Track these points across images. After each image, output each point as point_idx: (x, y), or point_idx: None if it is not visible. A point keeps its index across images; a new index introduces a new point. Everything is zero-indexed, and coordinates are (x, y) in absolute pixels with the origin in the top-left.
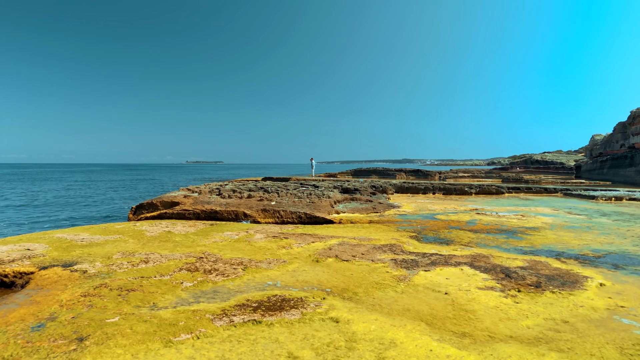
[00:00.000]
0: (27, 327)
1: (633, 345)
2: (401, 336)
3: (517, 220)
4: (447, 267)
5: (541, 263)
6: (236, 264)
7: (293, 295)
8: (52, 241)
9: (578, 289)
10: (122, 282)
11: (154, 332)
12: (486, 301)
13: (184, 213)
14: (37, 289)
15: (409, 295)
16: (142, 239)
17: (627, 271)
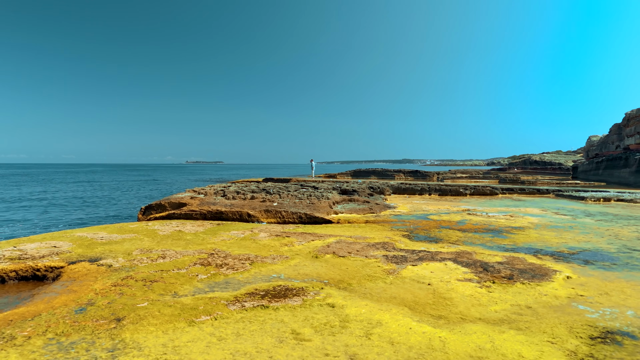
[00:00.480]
0: (71, 310)
1: (581, 325)
2: (386, 318)
3: (505, 220)
4: (433, 262)
5: (518, 259)
6: (244, 259)
7: (295, 286)
8: (74, 239)
9: (546, 280)
10: (145, 274)
11: (179, 314)
12: (463, 290)
13: (191, 213)
14: (70, 280)
15: (396, 285)
16: (155, 238)
17: (595, 266)
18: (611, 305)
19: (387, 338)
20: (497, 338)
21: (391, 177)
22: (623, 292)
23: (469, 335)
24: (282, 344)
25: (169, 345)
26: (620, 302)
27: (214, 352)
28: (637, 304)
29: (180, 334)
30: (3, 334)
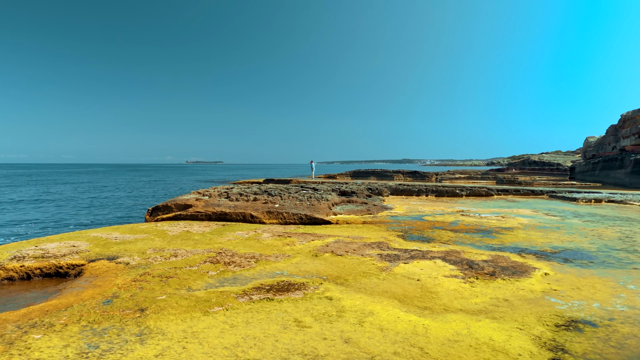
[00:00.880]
0: (99, 302)
1: (550, 315)
2: (378, 309)
3: (497, 221)
4: (423, 261)
5: (503, 257)
6: (249, 257)
7: (297, 281)
8: (90, 239)
9: (525, 277)
10: (160, 271)
11: (194, 305)
12: (448, 285)
13: (196, 215)
14: (93, 276)
15: (388, 281)
16: (166, 238)
17: (573, 264)
18: (580, 299)
19: (378, 325)
20: (473, 325)
21: (390, 178)
22: (594, 287)
23: (449, 323)
24: (286, 330)
25: (188, 331)
26: (589, 295)
27: (227, 336)
28: (603, 298)
29: (197, 322)
30: (42, 322)
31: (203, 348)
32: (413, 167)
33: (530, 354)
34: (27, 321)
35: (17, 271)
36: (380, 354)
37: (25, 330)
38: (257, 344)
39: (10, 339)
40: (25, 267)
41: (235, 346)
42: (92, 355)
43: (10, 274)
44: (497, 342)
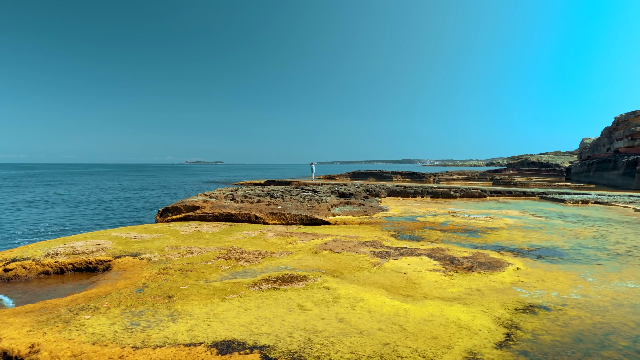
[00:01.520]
0: (132, 290)
1: (512, 302)
2: (368, 296)
3: (484, 221)
4: (411, 257)
5: (482, 254)
6: (257, 254)
7: (299, 274)
8: (112, 238)
9: (498, 271)
10: (180, 266)
11: (213, 293)
12: (430, 278)
13: (204, 216)
14: (121, 270)
15: (379, 274)
16: (179, 237)
17: (545, 260)
18: (542, 289)
19: (367, 309)
20: (446, 309)
21: (389, 179)
22: (557, 279)
23: (426, 307)
24: (290, 312)
25: (210, 313)
26: (550, 286)
27: (243, 317)
28: (563, 288)
29: (216, 306)
30: (89, 305)
31: (224, 325)
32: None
33: (488, 329)
34: (75, 305)
35: (52, 266)
36: (367, 330)
37: (76, 312)
38: (267, 322)
39: (66, 318)
40: (59, 262)
41: (249, 324)
42: (135, 330)
43: (46, 268)
44: (463, 321)
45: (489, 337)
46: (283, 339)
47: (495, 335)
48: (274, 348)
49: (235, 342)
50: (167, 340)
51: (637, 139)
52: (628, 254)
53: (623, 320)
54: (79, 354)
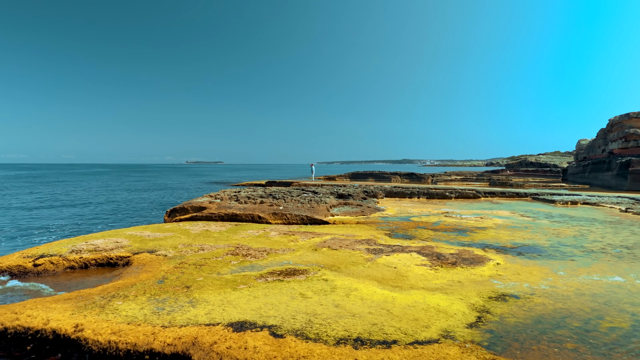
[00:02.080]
0: (154, 282)
1: (487, 291)
2: (361, 287)
3: (474, 221)
4: (402, 253)
5: (468, 251)
6: (262, 250)
7: (300, 268)
8: (127, 236)
9: (480, 265)
10: (193, 261)
11: (225, 284)
12: (417, 271)
13: (211, 216)
14: (141, 265)
15: (372, 268)
16: (190, 235)
17: (524, 256)
18: (516, 281)
19: (359, 296)
20: (428, 297)
21: (388, 180)
22: (531, 273)
23: (411, 295)
24: (293, 299)
25: (224, 300)
26: (524, 279)
27: (252, 303)
28: (534, 280)
29: (229, 295)
30: (119, 294)
31: (236, 310)
32: (412, 167)
33: (462, 313)
34: (107, 294)
35: (77, 261)
36: (359, 313)
37: (108, 299)
38: (274, 307)
39: (101, 304)
40: (83, 258)
41: (258, 309)
42: (162, 313)
43: (72, 263)
44: (442, 307)
45: (462, 319)
46: (287, 320)
47: (468, 317)
48: (280, 327)
49: (247, 323)
50: (190, 321)
51: (630, 141)
52: (602, 251)
53: (581, 306)
54: (117, 332)
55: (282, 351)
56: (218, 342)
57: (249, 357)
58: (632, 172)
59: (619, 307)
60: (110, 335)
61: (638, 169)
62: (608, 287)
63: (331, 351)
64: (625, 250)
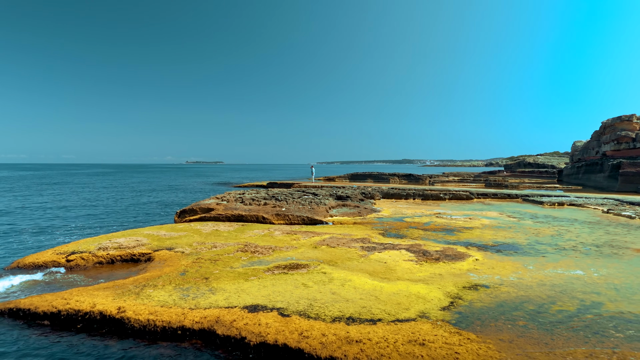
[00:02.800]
0: (177, 274)
1: (463, 282)
2: (354, 278)
3: (463, 222)
4: (392, 251)
5: (451, 249)
6: (268, 248)
7: (302, 263)
8: (146, 235)
9: (460, 261)
10: (208, 256)
11: (238, 276)
12: (404, 265)
13: (218, 216)
14: (162, 260)
15: (365, 263)
16: (202, 234)
17: (502, 253)
18: (489, 274)
19: (353, 286)
20: (411, 286)
21: (386, 181)
22: (504, 267)
23: (397, 285)
24: (297, 288)
25: (238, 288)
26: (497, 272)
27: (262, 291)
28: (505, 273)
29: (242, 284)
30: (148, 284)
31: (249, 296)
32: (412, 167)
33: (438, 299)
34: (139, 284)
35: (104, 257)
36: (352, 299)
37: (141, 288)
38: (281, 294)
39: (136, 291)
40: (110, 254)
41: (268, 295)
42: (187, 299)
43: (100, 259)
44: (421, 294)
45: (437, 303)
46: (292, 304)
47: (442, 302)
48: (286, 309)
49: (259, 306)
50: (212, 305)
51: (622, 143)
52: (572, 249)
53: (539, 294)
54: (153, 312)
55: (288, 326)
56: (237, 320)
57: (263, 331)
58: (623, 174)
59: (572, 294)
60: (148, 315)
61: (628, 171)
62: (568, 279)
63: (328, 327)
64: (593, 248)
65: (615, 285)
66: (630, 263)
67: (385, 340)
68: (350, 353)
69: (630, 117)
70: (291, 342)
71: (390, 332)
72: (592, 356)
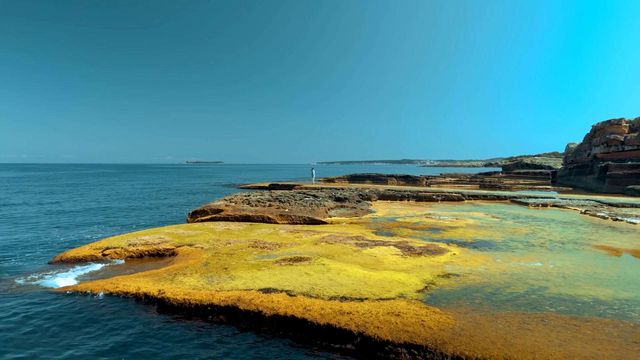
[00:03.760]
0: (200, 265)
1: (438, 272)
2: (348, 268)
3: (449, 222)
4: (382, 247)
5: (434, 245)
6: (275, 244)
7: (305, 256)
8: (166, 234)
9: (439, 255)
10: (224, 251)
11: (251, 266)
12: (391, 259)
13: (227, 217)
14: (185, 255)
15: (357, 257)
16: (215, 233)
17: (478, 249)
18: (462, 265)
19: (346, 274)
20: (395, 275)
21: (384, 182)
22: (476, 260)
23: (383, 274)
24: (300, 276)
25: (253, 276)
26: (469, 264)
27: (273, 278)
28: (476, 265)
29: (255, 273)
30: (178, 272)
31: (263, 281)
32: (412, 168)
33: (415, 284)
34: (170, 272)
35: (134, 252)
36: (345, 284)
37: (173, 275)
38: (287, 280)
39: (169, 278)
40: (139, 250)
41: (277, 281)
42: (213, 283)
43: (131, 253)
44: (402, 280)
45: (414, 287)
46: (297, 287)
47: (418, 287)
48: (293, 291)
49: (271, 289)
50: (233, 288)
51: (611, 146)
52: (540, 245)
53: (499, 281)
54: (187, 293)
55: (295, 303)
56: (254, 298)
57: (275, 306)
58: (610, 176)
59: (525, 281)
60: (183, 295)
61: (615, 173)
62: (526, 269)
63: (325, 303)
64: (558, 245)
65: (564, 274)
66: (585, 257)
67: (369, 312)
68: (342, 321)
69: (619, 121)
70: (297, 314)
71: (374, 307)
72: (523, 320)
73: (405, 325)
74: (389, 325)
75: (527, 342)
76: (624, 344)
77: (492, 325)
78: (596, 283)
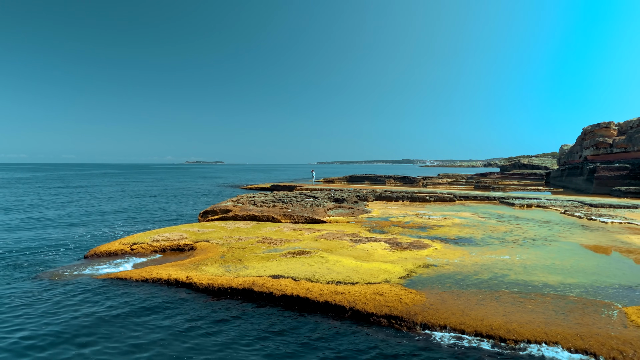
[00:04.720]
0: (218, 257)
1: (420, 262)
2: (343, 260)
3: (437, 221)
4: (374, 242)
5: (420, 241)
6: (280, 240)
7: (306, 250)
8: (184, 231)
9: (423, 249)
10: (237, 246)
11: (261, 258)
12: (380, 252)
13: (235, 217)
14: (203, 249)
15: (352, 251)
16: (227, 230)
17: (458, 245)
18: (441, 258)
19: (342, 265)
20: (382, 265)
21: (382, 183)
22: (454, 254)
23: (372, 264)
24: (303, 266)
25: (263, 266)
26: (447, 257)
27: (280, 267)
28: (453, 257)
29: (265, 263)
30: (200, 263)
31: (272, 270)
32: (412, 167)
33: (399, 272)
34: (194, 263)
35: (158, 247)
36: (340, 272)
37: (197, 265)
38: (292, 269)
39: (194, 267)
40: (162, 245)
41: (284, 270)
42: (230, 271)
43: (155, 248)
44: (388, 269)
45: (397, 275)
46: (301, 274)
47: (401, 274)
48: (297, 277)
49: (279, 275)
50: (247, 275)
51: (600, 148)
52: (513, 242)
53: (470, 270)
54: (211, 279)
55: (299, 286)
56: (265, 283)
57: (283, 288)
58: (597, 177)
59: (492, 270)
60: (207, 280)
61: (602, 175)
62: (495, 261)
63: (324, 286)
64: (529, 241)
65: (526, 265)
66: (549, 251)
67: (359, 292)
68: (337, 299)
69: (608, 124)
70: (301, 294)
71: (363, 288)
72: (481, 299)
73: (386, 301)
74: (374, 301)
75: (479, 313)
76: (554, 314)
77: (455, 302)
78: (550, 272)
